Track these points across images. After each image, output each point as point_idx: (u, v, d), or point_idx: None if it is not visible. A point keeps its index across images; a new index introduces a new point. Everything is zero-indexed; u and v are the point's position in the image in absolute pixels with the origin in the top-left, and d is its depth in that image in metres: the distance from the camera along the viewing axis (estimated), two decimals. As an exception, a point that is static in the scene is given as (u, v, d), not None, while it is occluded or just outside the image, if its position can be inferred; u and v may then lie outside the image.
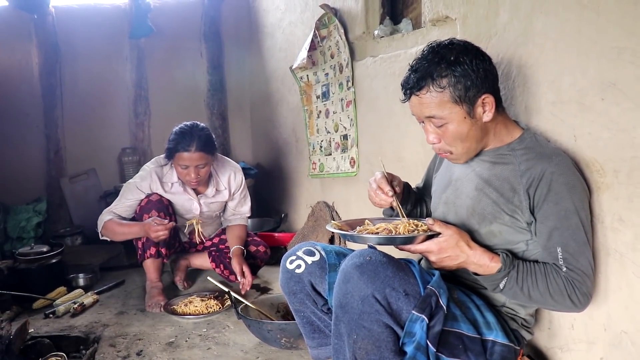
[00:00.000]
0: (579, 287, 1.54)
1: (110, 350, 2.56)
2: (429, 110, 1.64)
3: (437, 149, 1.76)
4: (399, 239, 1.64)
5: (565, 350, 1.84)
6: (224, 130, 5.70)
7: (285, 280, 1.95)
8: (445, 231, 1.62)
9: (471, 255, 1.62)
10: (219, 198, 3.44)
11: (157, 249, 3.18)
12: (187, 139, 3.04)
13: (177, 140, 3.06)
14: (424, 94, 1.62)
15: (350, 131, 3.37)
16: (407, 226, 1.71)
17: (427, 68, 1.61)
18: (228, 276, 3.42)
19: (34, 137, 4.98)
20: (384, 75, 2.91)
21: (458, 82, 1.58)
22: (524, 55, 1.88)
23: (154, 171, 3.26)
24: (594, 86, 1.59)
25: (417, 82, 1.62)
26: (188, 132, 3.07)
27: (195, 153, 3.03)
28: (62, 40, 5.02)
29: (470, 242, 1.64)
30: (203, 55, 5.58)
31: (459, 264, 1.64)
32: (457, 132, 1.65)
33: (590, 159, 1.63)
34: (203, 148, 3.05)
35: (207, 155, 3.10)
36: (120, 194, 3.29)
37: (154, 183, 3.24)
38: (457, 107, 1.61)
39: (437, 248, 1.61)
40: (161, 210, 3.15)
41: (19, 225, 4.57)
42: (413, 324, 1.55)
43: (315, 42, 3.56)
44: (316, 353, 2.04)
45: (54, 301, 3.18)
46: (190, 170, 3.09)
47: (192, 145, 3.02)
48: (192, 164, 3.06)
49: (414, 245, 1.64)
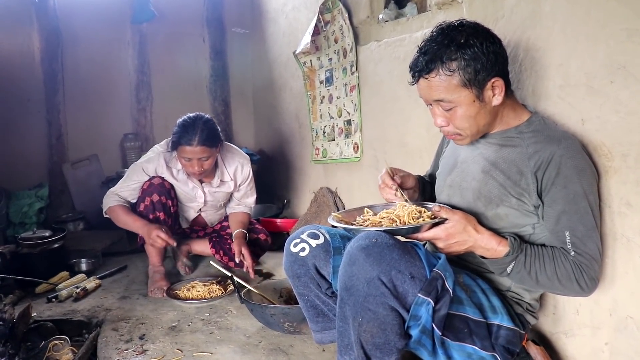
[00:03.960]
0: (587, 272, 1.53)
1: (113, 334, 2.56)
2: (437, 94, 1.62)
3: (444, 132, 1.74)
4: (404, 229, 1.62)
5: (570, 335, 1.84)
6: (226, 116, 5.68)
7: (289, 264, 1.94)
8: (452, 217, 1.60)
9: (479, 239, 1.60)
10: (223, 188, 3.41)
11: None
12: (189, 133, 2.99)
13: (180, 134, 3.02)
14: (433, 77, 1.60)
15: (353, 116, 3.35)
16: (411, 213, 1.69)
17: (437, 51, 1.58)
18: (227, 262, 3.41)
19: (36, 122, 4.95)
20: (389, 60, 2.89)
21: (468, 65, 1.56)
22: (532, 38, 1.87)
23: (162, 155, 3.22)
24: (603, 69, 1.57)
25: (426, 65, 1.60)
26: (191, 125, 3.02)
27: (198, 147, 2.99)
28: (63, 25, 4.98)
29: (478, 226, 1.63)
30: (205, 41, 5.56)
31: (467, 249, 1.63)
32: (466, 115, 1.63)
33: (598, 143, 1.62)
34: (205, 142, 3.01)
35: (209, 149, 3.05)
36: (126, 175, 3.27)
37: (160, 167, 3.22)
38: (466, 90, 1.59)
39: (445, 234, 1.60)
40: (162, 194, 3.14)
41: (21, 211, 4.56)
42: (419, 307, 1.54)
43: (318, 27, 3.53)
44: (320, 337, 2.03)
45: (57, 286, 3.19)
46: (194, 163, 3.05)
47: (194, 140, 2.98)
48: (195, 157, 3.02)
49: (421, 234, 1.63)
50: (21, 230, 4.38)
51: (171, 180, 3.25)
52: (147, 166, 3.21)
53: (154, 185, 3.15)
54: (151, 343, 2.46)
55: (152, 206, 3.13)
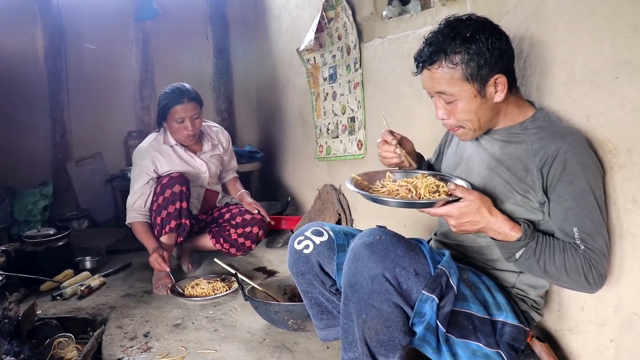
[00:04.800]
0: (596, 267, 1.52)
1: (118, 332, 2.56)
2: (439, 86, 1.62)
3: (446, 125, 1.74)
4: (419, 203, 1.62)
5: (575, 332, 1.83)
6: (230, 113, 5.68)
7: (293, 261, 1.94)
8: (467, 196, 1.58)
9: (492, 221, 1.58)
10: (216, 151, 3.60)
11: (177, 222, 3.20)
12: (178, 94, 3.25)
13: (169, 97, 3.26)
14: (436, 69, 1.60)
15: (357, 113, 3.34)
16: (429, 185, 1.69)
17: (442, 43, 1.58)
18: (229, 249, 3.46)
19: (40, 120, 4.95)
20: (392, 57, 2.88)
21: (471, 59, 1.56)
22: (536, 35, 1.86)
23: (150, 147, 3.36)
24: (608, 65, 1.57)
25: (430, 56, 1.60)
26: (177, 88, 3.29)
27: (189, 104, 3.25)
28: (67, 22, 4.98)
29: (492, 208, 1.60)
30: (209, 39, 5.56)
31: (479, 229, 1.61)
32: (466, 109, 1.63)
33: (603, 139, 1.61)
34: (194, 98, 3.29)
35: (198, 106, 3.32)
36: (132, 185, 3.35)
37: (155, 157, 3.34)
38: (467, 84, 1.58)
39: (458, 213, 1.58)
40: (184, 184, 3.21)
41: (26, 209, 4.57)
42: (423, 304, 1.54)
43: (322, 24, 3.52)
44: (324, 334, 2.03)
45: (61, 283, 3.19)
46: (187, 123, 3.26)
47: (185, 97, 3.24)
48: (187, 115, 3.25)
49: (434, 209, 1.61)
50: (26, 228, 4.39)
51: (168, 162, 3.35)
52: (143, 164, 3.31)
53: (174, 177, 3.20)
54: (155, 340, 2.46)
55: (171, 198, 3.17)
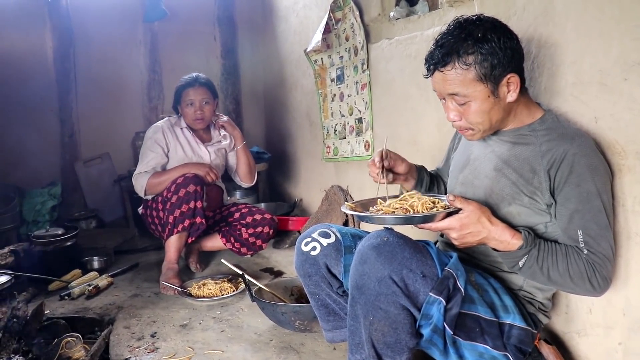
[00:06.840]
0: (600, 271, 1.51)
1: (125, 332, 2.57)
2: (452, 88, 1.61)
3: (457, 126, 1.73)
4: (417, 217, 1.60)
5: (583, 335, 1.82)
6: (237, 114, 5.69)
7: (300, 263, 1.94)
8: (466, 207, 1.57)
9: (493, 230, 1.57)
10: (223, 143, 3.73)
11: (191, 221, 3.20)
12: (191, 79, 3.54)
13: (183, 83, 3.55)
14: (449, 71, 1.59)
15: (365, 114, 3.34)
16: (424, 203, 1.67)
17: (453, 44, 1.57)
18: (239, 248, 3.51)
19: (49, 121, 4.98)
20: (400, 58, 2.88)
21: (485, 59, 1.55)
22: (544, 36, 1.85)
23: (164, 124, 3.57)
24: (617, 66, 1.56)
25: (442, 57, 1.59)
26: (191, 75, 3.58)
27: (200, 88, 3.50)
28: (76, 24, 5.00)
29: (492, 217, 1.60)
30: (217, 39, 5.56)
31: (480, 240, 1.60)
32: (480, 110, 1.62)
33: (611, 141, 1.61)
34: (205, 84, 3.55)
35: (209, 92, 3.56)
36: (142, 156, 3.47)
37: (167, 134, 3.52)
38: (481, 85, 1.58)
39: (459, 224, 1.57)
40: (198, 184, 3.22)
41: (34, 209, 4.60)
42: (430, 306, 1.53)
43: (330, 25, 3.53)
44: (331, 336, 2.03)
45: (69, 283, 3.21)
46: (196, 106, 3.49)
47: (196, 82, 3.51)
48: (197, 98, 3.49)
49: (435, 223, 1.59)
50: (34, 228, 4.41)
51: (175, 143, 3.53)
52: (155, 136, 3.50)
53: (189, 177, 3.22)
54: (162, 341, 2.47)
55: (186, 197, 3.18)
